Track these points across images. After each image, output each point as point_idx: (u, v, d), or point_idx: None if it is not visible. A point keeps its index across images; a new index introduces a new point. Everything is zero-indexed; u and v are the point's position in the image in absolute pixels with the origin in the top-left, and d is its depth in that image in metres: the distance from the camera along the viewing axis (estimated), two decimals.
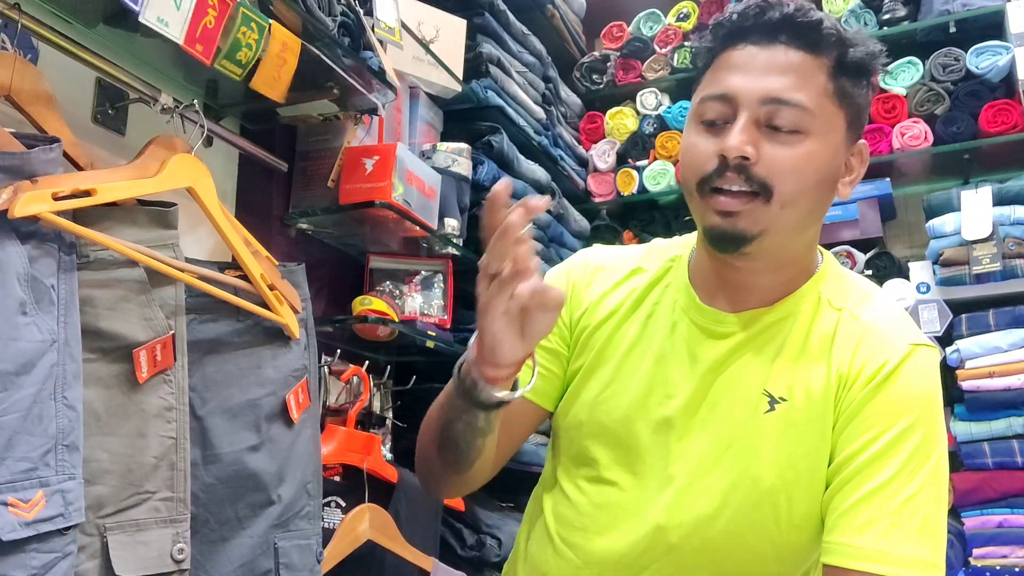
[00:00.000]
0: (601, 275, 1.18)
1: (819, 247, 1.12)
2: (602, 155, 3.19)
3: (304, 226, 1.87)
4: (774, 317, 1.07)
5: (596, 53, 3.34)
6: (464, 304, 2.28)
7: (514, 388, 0.97)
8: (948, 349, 2.49)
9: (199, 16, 1.24)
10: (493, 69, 2.41)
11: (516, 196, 2.37)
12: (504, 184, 0.86)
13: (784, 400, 1.04)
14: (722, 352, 1.07)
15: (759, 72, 0.99)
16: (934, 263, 2.60)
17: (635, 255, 1.21)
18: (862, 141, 1.07)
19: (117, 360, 1.11)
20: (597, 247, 1.27)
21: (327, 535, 1.59)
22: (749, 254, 1.01)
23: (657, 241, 1.23)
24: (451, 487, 1.16)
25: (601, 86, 3.31)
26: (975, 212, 2.52)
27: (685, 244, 1.18)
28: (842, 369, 1.02)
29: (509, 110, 2.45)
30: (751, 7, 1.01)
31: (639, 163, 3.11)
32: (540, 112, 2.71)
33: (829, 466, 1.01)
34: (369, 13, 1.70)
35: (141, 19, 1.15)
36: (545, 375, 1.13)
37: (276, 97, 1.46)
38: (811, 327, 1.06)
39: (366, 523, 1.69)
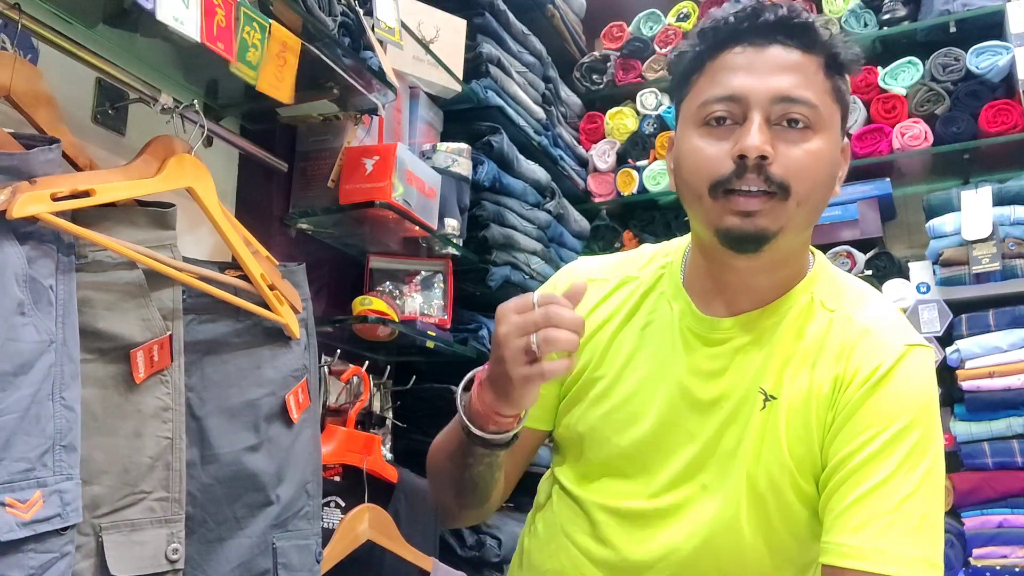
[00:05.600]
0: (589, 288, 1.17)
1: (811, 248, 1.12)
2: (602, 155, 3.19)
3: (304, 226, 1.87)
4: (768, 319, 1.07)
5: (596, 53, 3.34)
6: (464, 304, 2.28)
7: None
8: (948, 349, 2.49)
9: (210, 15, 1.24)
10: (493, 69, 2.41)
11: (516, 196, 2.41)
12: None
13: (775, 399, 1.04)
14: (720, 357, 1.07)
15: (765, 71, 0.99)
16: (934, 263, 2.60)
17: (623, 264, 1.20)
18: (846, 140, 1.08)
19: (114, 360, 1.11)
20: (581, 260, 1.28)
21: (327, 535, 1.58)
22: (764, 252, 1.00)
23: (644, 247, 1.23)
24: (470, 520, 1.27)
25: (601, 86, 3.30)
26: (975, 212, 2.52)
27: (675, 250, 1.17)
28: (838, 371, 1.02)
29: (509, 110, 2.45)
30: (743, 11, 1.01)
31: (639, 163, 3.11)
32: (540, 112, 2.71)
33: (825, 467, 1.01)
34: (369, 13, 1.70)
35: (158, 18, 1.14)
36: (540, 401, 1.10)
37: (284, 98, 1.45)
38: (803, 328, 1.06)
39: (366, 523, 1.69)
